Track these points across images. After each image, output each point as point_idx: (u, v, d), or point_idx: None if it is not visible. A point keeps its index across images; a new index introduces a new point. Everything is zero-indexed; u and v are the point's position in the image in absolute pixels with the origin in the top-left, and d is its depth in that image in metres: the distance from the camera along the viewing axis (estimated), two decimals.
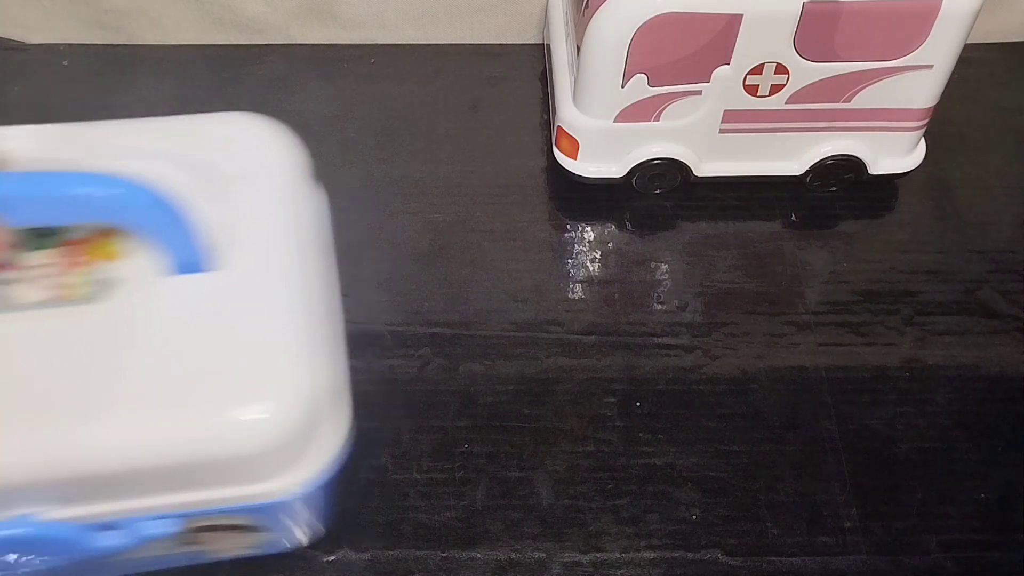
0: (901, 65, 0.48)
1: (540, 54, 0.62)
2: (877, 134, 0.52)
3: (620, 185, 0.54)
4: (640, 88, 0.48)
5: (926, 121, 0.52)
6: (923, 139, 0.54)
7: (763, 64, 0.47)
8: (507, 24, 0.62)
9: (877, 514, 0.45)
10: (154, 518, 0.33)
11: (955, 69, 0.49)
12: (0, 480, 0.30)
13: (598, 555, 0.43)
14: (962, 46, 0.47)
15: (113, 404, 0.30)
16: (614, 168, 0.52)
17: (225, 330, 0.31)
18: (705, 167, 0.53)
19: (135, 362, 0.31)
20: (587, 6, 0.47)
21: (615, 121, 0.50)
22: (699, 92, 0.48)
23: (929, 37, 0.46)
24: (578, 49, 0.48)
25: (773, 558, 0.43)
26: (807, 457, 0.46)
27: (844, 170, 0.53)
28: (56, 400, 0.30)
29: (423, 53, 0.63)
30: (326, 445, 0.34)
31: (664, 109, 0.49)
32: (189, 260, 0.32)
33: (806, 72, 0.47)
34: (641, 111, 0.49)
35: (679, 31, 0.45)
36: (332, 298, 0.37)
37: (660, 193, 0.55)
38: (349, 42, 0.63)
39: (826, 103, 0.49)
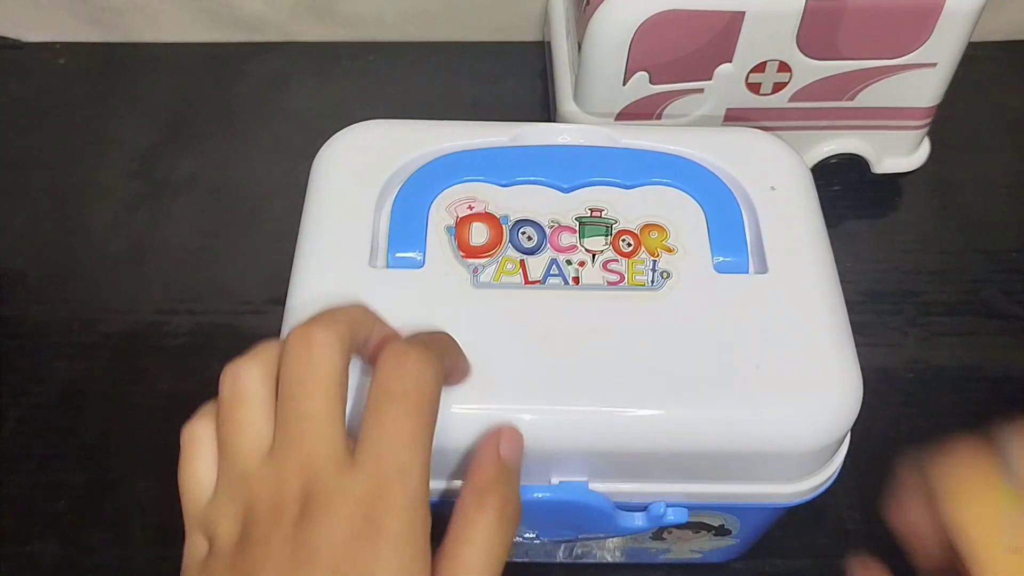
0: (904, 63, 0.47)
1: (541, 52, 0.62)
2: (880, 132, 0.51)
3: None
4: (642, 86, 0.47)
5: (930, 120, 0.51)
6: (927, 138, 0.53)
7: (766, 62, 0.47)
8: (507, 21, 0.62)
9: (880, 516, 0.44)
10: (668, 505, 0.34)
11: (959, 67, 0.48)
12: (564, 445, 0.31)
13: None
14: (966, 44, 0.47)
15: (678, 387, 0.31)
16: None
17: (778, 329, 0.32)
18: None
19: (699, 349, 0.32)
20: (588, 3, 0.46)
21: (616, 119, 0.49)
22: (701, 90, 0.48)
23: (932, 35, 0.46)
24: (579, 47, 0.48)
25: (776, 560, 0.43)
26: None
27: (847, 169, 0.53)
28: (627, 377, 0.31)
29: (423, 51, 0.63)
30: (841, 454, 0.35)
31: (666, 107, 0.49)
32: (740, 258, 0.34)
33: (809, 70, 0.47)
34: (642, 109, 0.49)
35: (681, 28, 0.45)
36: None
37: None
38: (348, 40, 0.63)
39: (829, 101, 0.49)
